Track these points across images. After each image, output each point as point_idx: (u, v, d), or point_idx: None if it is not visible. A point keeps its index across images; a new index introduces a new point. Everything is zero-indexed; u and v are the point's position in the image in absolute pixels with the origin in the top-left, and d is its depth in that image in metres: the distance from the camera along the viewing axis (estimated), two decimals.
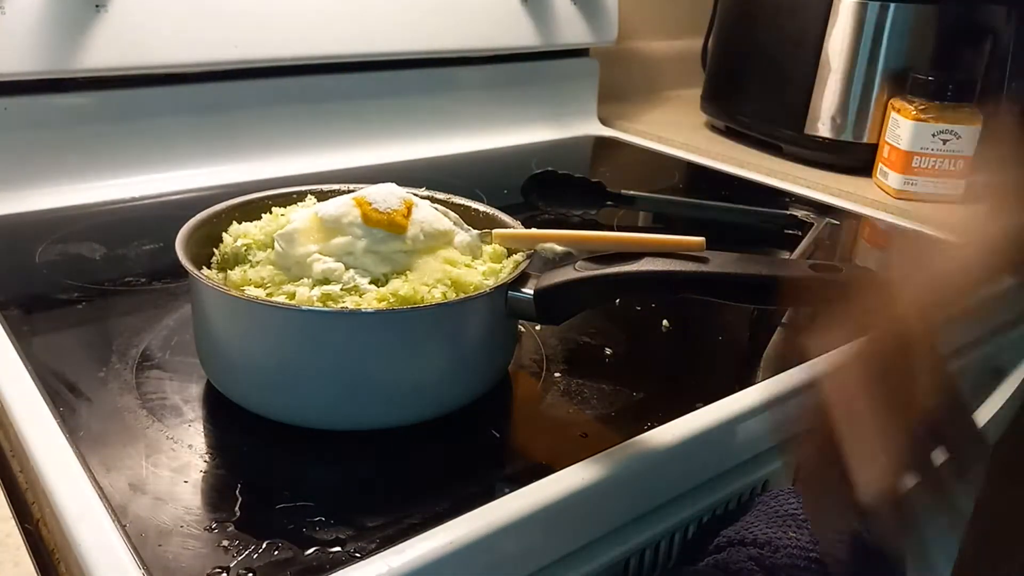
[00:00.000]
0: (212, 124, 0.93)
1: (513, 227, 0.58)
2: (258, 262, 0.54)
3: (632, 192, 0.89)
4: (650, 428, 0.52)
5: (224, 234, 0.56)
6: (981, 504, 0.79)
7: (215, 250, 0.56)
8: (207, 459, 0.48)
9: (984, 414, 0.76)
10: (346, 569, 0.40)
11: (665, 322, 0.66)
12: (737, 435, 0.55)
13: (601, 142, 1.22)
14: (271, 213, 0.59)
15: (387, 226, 0.52)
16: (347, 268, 0.52)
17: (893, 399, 0.37)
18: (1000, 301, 0.41)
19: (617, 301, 0.68)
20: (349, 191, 0.59)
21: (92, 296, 0.66)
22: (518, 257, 0.55)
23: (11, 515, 0.44)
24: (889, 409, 0.36)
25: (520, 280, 0.52)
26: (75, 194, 0.84)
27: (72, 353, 0.58)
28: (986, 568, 0.85)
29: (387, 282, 0.52)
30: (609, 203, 0.89)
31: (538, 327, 0.63)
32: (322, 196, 0.61)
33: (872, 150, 1.06)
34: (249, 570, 0.40)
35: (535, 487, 0.46)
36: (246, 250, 0.55)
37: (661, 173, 1.10)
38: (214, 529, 0.42)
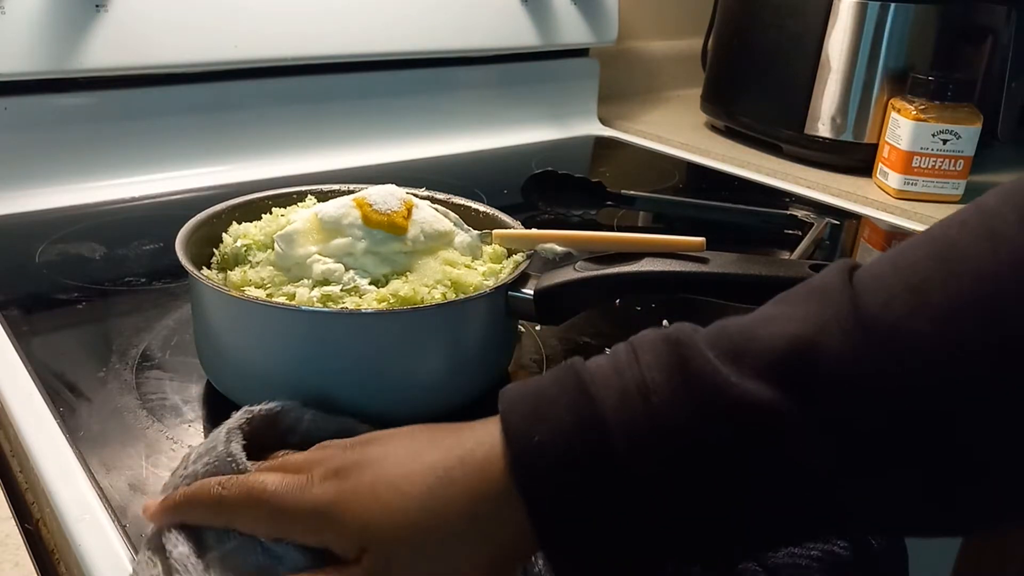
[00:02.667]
0: (212, 124, 0.93)
1: (513, 227, 0.58)
2: (258, 263, 0.54)
3: (632, 192, 0.89)
4: None
5: (224, 234, 0.56)
6: None
7: (215, 250, 0.56)
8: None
9: None
10: None
11: (665, 322, 0.66)
12: None
13: (601, 142, 1.22)
14: (271, 213, 0.59)
15: (387, 227, 0.52)
16: (347, 269, 0.52)
17: None
18: None
19: (617, 301, 0.68)
20: (349, 191, 0.59)
21: (92, 296, 0.66)
22: (518, 257, 0.55)
23: (11, 515, 0.44)
24: None
25: (520, 280, 0.52)
26: (75, 194, 0.84)
27: (72, 353, 0.58)
28: (986, 569, 0.85)
29: (387, 283, 0.52)
30: (609, 203, 0.89)
31: (538, 327, 0.63)
32: (322, 196, 0.61)
33: (872, 150, 1.06)
34: None
35: None
36: (246, 250, 0.55)
37: (661, 173, 1.10)
38: None
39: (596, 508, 0.30)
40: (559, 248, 0.54)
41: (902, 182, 0.99)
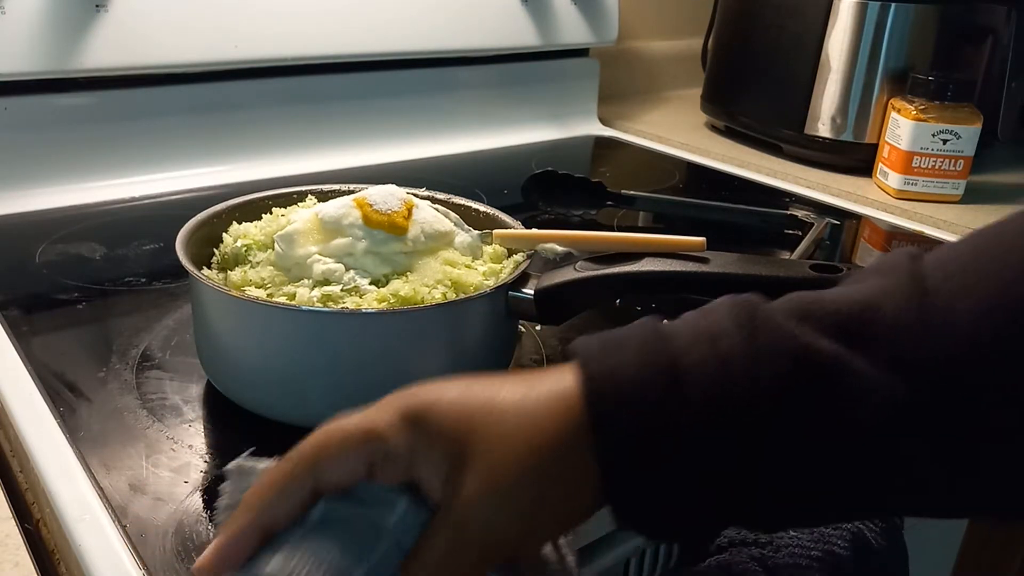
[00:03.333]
0: (212, 124, 0.93)
1: (513, 227, 0.58)
2: (258, 263, 0.54)
3: (632, 192, 0.89)
4: None
5: (224, 234, 0.56)
6: None
7: (215, 250, 0.56)
8: (207, 459, 0.48)
9: None
10: None
11: (665, 322, 0.66)
12: None
13: (601, 142, 1.22)
14: (271, 213, 0.59)
15: (388, 227, 0.52)
16: (347, 269, 0.52)
17: None
18: None
19: (617, 301, 0.68)
20: (350, 191, 0.59)
21: (92, 296, 0.66)
22: (518, 257, 0.55)
23: (11, 515, 0.44)
24: None
25: (520, 280, 0.52)
26: (75, 194, 0.84)
27: (72, 353, 0.58)
28: (986, 569, 0.85)
29: (387, 283, 0.52)
30: (609, 203, 0.89)
31: (538, 327, 0.63)
32: (322, 196, 0.61)
33: (872, 150, 1.06)
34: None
35: None
36: (246, 250, 0.55)
37: (661, 173, 1.10)
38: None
39: (661, 443, 0.30)
40: (559, 248, 0.54)
41: (902, 182, 0.99)
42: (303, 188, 0.62)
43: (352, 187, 0.61)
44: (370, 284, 0.51)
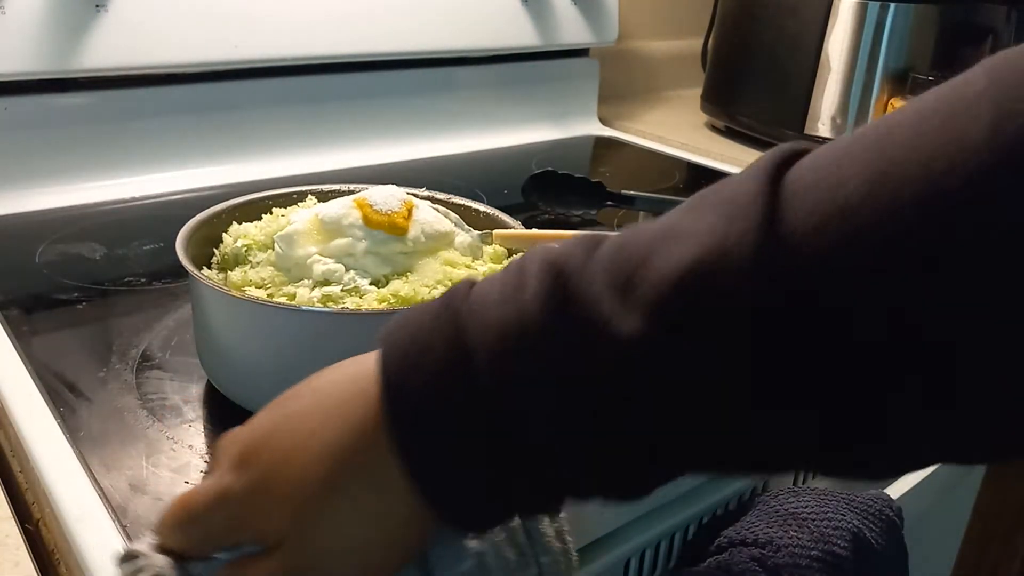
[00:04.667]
0: (212, 124, 0.93)
1: (513, 227, 0.58)
2: (258, 263, 0.54)
3: (632, 192, 0.89)
4: None
5: (224, 234, 0.56)
6: (980, 506, 0.79)
7: (215, 250, 0.56)
8: (207, 459, 0.48)
9: None
10: None
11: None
12: None
13: (601, 142, 1.22)
14: (271, 213, 0.59)
15: (388, 228, 0.52)
16: (347, 269, 0.52)
17: None
18: None
19: None
20: (350, 191, 0.59)
21: (92, 296, 0.66)
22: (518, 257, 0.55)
23: (11, 515, 0.44)
24: None
25: None
26: (75, 194, 0.84)
27: (72, 353, 0.58)
28: (985, 569, 0.85)
29: (388, 283, 0.52)
30: (609, 203, 0.89)
31: None
32: (323, 196, 0.61)
33: None
34: None
35: None
36: (246, 251, 0.55)
37: (661, 173, 1.10)
38: None
39: (465, 459, 0.30)
40: None
41: None
42: (303, 188, 0.62)
43: (352, 187, 0.61)
44: (370, 284, 0.51)
